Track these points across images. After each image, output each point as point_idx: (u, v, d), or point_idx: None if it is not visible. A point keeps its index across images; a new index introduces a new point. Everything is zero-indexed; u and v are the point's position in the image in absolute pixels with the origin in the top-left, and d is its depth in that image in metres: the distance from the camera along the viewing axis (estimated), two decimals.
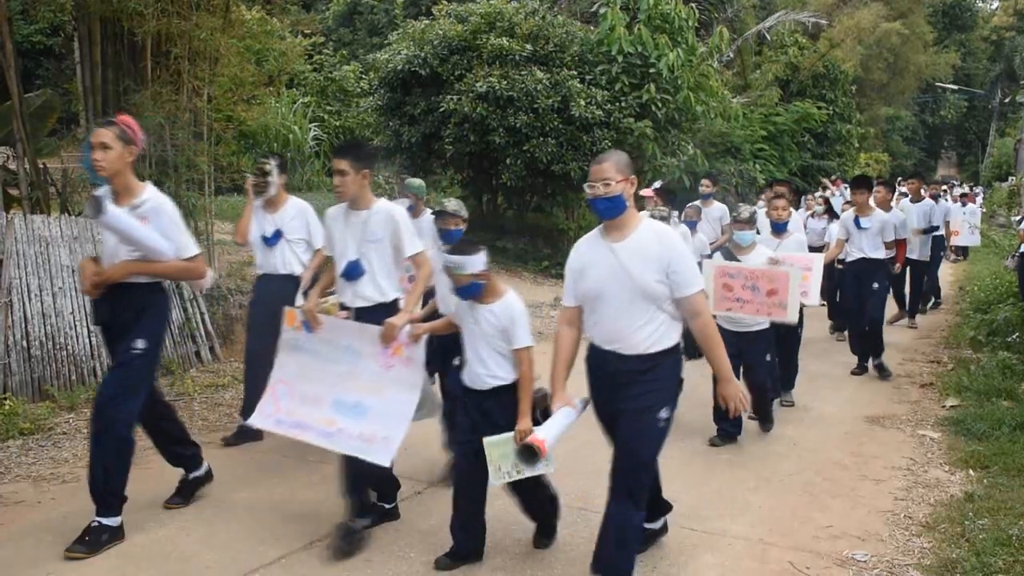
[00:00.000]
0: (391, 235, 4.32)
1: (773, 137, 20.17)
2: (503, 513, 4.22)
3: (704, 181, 9.83)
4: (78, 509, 4.32)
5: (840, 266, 8.32)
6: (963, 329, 10.02)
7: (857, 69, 27.89)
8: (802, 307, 6.54)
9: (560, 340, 3.70)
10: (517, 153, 12.10)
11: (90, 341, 6.78)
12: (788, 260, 6.12)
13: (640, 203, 9.40)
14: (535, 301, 10.23)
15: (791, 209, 7.01)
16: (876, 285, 7.73)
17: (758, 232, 6.64)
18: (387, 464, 3.95)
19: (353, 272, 4.35)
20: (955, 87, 43.06)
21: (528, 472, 3.64)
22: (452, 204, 5.10)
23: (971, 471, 5.33)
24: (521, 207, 14.40)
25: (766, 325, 5.92)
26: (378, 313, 4.23)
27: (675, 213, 6.89)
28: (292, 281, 5.55)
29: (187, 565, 3.89)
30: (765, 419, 6.19)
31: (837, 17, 27.68)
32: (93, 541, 3.99)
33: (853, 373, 8.08)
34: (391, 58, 13.02)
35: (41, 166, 7.66)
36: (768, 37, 20.75)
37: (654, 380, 3.51)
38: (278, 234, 5.59)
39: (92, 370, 6.74)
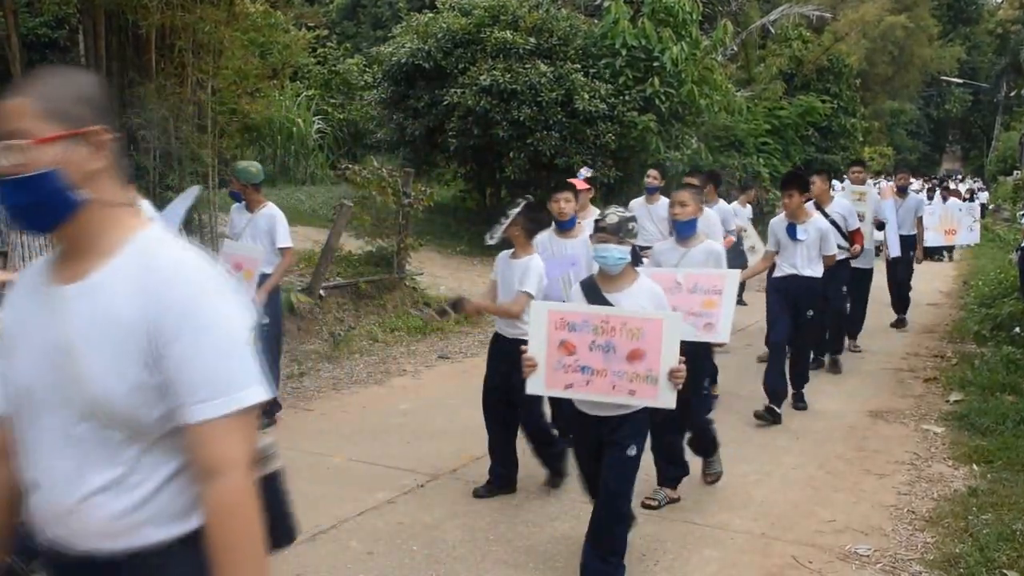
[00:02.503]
0: None
1: (777, 131, 20.16)
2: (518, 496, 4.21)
3: (650, 172, 7.85)
4: None
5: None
6: (967, 323, 10.00)
7: (861, 63, 27.82)
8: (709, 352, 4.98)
9: None
10: (521, 146, 12.10)
11: None
12: (691, 279, 4.65)
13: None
14: None
15: (703, 206, 5.27)
16: (811, 313, 6.39)
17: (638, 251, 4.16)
18: None
19: None
20: (960, 81, 42.90)
21: None
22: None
23: (975, 466, 5.32)
24: None
25: (639, 406, 3.57)
26: None
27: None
28: None
29: None
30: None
31: (842, 10, 27.62)
32: None
33: (760, 416, 6.17)
34: (395, 51, 13.04)
35: None
36: (772, 30, 20.71)
37: None
38: None
39: None
